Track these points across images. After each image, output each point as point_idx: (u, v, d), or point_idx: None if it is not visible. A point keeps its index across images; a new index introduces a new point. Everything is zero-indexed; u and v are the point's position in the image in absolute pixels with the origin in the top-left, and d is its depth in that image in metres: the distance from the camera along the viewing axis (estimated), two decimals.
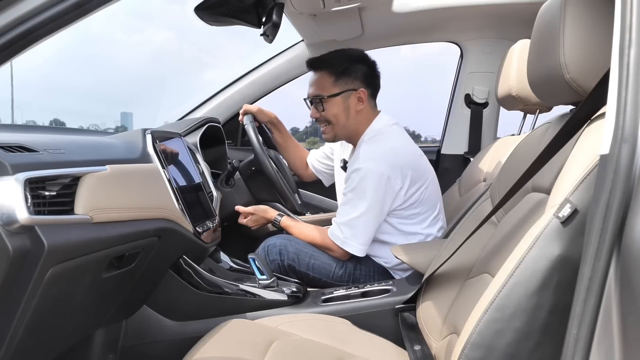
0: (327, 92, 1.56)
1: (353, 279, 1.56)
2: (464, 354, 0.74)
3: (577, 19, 0.79)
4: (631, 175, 0.54)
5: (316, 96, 1.58)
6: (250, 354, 1.01)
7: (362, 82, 1.57)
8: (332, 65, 1.56)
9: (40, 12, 0.71)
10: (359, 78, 1.57)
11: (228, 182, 1.83)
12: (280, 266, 1.57)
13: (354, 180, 1.48)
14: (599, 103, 0.74)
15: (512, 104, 1.72)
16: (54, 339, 1.00)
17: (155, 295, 1.30)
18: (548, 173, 0.83)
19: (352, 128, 1.60)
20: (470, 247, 1.06)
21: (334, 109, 1.57)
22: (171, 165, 1.33)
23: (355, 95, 1.56)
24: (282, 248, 1.58)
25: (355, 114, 1.58)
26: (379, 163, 1.46)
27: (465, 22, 2.18)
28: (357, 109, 1.57)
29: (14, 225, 0.76)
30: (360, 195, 1.47)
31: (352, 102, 1.56)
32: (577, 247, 0.66)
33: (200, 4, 1.29)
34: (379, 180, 1.45)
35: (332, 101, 1.56)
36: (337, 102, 1.56)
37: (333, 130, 1.61)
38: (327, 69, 1.57)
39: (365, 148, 1.53)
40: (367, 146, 1.53)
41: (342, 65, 1.56)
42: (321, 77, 1.58)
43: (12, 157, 0.82)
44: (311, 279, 1.56)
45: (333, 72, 1.56)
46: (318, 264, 1.57)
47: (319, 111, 1.59)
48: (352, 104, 1.57)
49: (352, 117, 1.58)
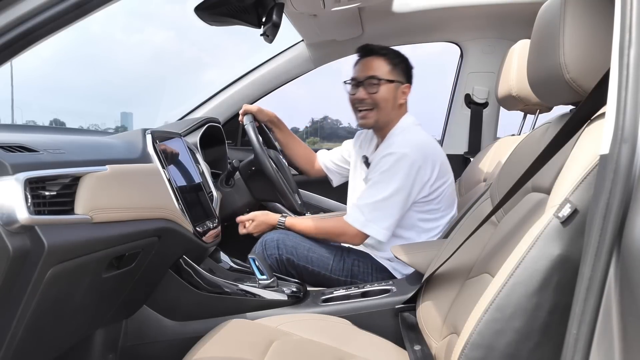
0: (385, 76, 1.61)
1: (351, 274, 1.56)
2: (464, 354, 0.74)
3: (577, 19, 0.79)
4: (631, 175, 0.54)
5: (373, 77, 1.60)
6: (250, 354, 1.01)
7: (407, 80, 1.66)
8: (389, 55, 1.63)
9: (40, 12, 0.71)
10: (406, 75, 1.65)
11: (228, 182, 1.83)
12: (278, 260, 1.57)
13: (386, 163, 1.50)
14: (599, 103, 0.74)
15: (513, 104, 1.72)
16: (54, 339, 1.00)
17: (155, 295, 1.30)
18: (548, 173, 0.83)
19: (390, 118, 1.64)
20: (470, 247, 1.06)
21: (385, 93, 1.61)
22: (171, 165, 1.33)
23: (402, 89, 1.63)
24: (280, 242, 1.59)
25: (397, 106, 1.63)
26: (413, 151, 1.50)
27: (465, 22, 2.18)
28: (399, 102, 1.63)
29: (14, 225, 0.76)
30: (391, 177, 1.49)
31: (399, 94, 1.63)
32: (577, 247, 0.66)
33: (200, 4, 1.29)
34: (411, 166, 1.49)
35: (387, 86, 1.61)
36: (390, 88, 1.61)
37: (376, 115, 1.63)
38: (384, 57, 1.63)
39: (399, 138, 1.58)
40: (400, 136, 1.58)
41: (396, 58, 1.63)
42: (378, 62, 1.62)
43: (12, 157, 0.82)
44: (310, 272, 1.56)
45: (390, 61, 1.62)
46: (316, 256, 1.57)
47: (371, 92, 1.61)
48: (398, 96, 1.63)
49: (395, 109, 1.63)
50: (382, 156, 1.53)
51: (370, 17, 1.97)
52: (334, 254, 1.58)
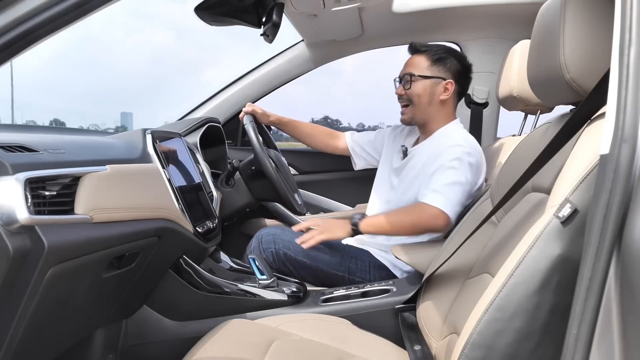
0: (419, 72, 1.61)
1: (349, 271, 1.56)
2: (464, 354, 0.74)
3: (577, 19, 0.79)
4: (631, 175, 0.54)
5: (407, 74, 1.62)
6: (250, 354, 1.01)
7: (453, 76, 1.62)
8: (431, 51, 1.63)
9: (40, 12, 0.71)
10: (451, 71, 1.62)
11: (228, 182, 1.83)
12: (274, 254, 1.57)
13: (458, 153, 1.49)
14: (599, 103, 0.74)
15: (513, 104, 1.72)
16: (54, 339, 1.00)
17: (155, 295, 1.30)
18: (548, 173, 0.83)
19: (431, 115, 1.63)
20: (470, 247, 1.06)
21: (419, 89, 1.61)
22: (171, 165, 1.33)
23: (443, 85, 1.61)
24: (277, 236, 1.59)
25: (439, 103, 1.62)
26: (475, 152, 1.52)
27: (465, 22, 2.18)
28: (441, 98, 1.61)
29: (14, 225, 0.76)
30: (465, 167, 1.48)
31: (439, 90, 1.61)
32: (577, 247, 0.66)
33: (200, 4, 1.29)
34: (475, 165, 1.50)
35: (420, 82, 1.61)
36: (425, 84, 1.60)
37: (412, 111, 1.63)
38: (425, 53, 1.63)
39: (457, 135, 1.56)
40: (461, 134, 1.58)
41: (439, 54, 1.62)
42: (417, 59, 1.63)
43: (12, 157, 0.82)
44: (307, 266, 1.56)
45: (429, 57, 1.62)
46: (312, 251, 1.56)
47: (405, 89, 1.62)
48: (437, 92, 1.61)
49: (435, 105, 1.62)
50: (449, 145, 1.51)
51: (370, 17, 1.97)
52: (332, 248, 1.58)
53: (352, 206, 2.33)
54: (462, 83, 1.66)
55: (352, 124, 2.39)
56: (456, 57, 1.64)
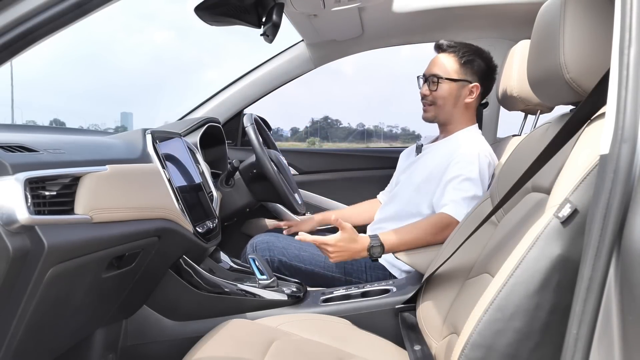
0: (446, 74, 1.57)
1: (345, 272, 1.56)
2: (464, 354, 0.74)
3: (577, 19, 0.79)
4: (631, 175, 0.54)
5: (434, 75, 1.59)
6: (250, 354, 1.01)
7: (479, 79, 1.60)
8: (459, 51, 1.58)
9: (40, 12, 0.71)
10: (478, 73, 1.59)
11: (228, 182, 1.83)
12: (269, 261, 1.56)
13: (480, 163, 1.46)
14: (599, 103, 0.74)
15: (513, 104, 1.72)
16: (54, 339, 1.00)
17: (155, 295, 1.30)
18: (548, 173, 0.83)
19: (455, 117, 1.61)
20: (470, 247, 1.06)
21: (445, 92, 1.58)
22: (171, 165, 1.33)
23: (469, 88, 1.58)
24: (271, 244, 1.59)
25: (463, 106, 1.60)
26: (493, 163, 1.50)
27: (465, 22, 2.18)
28: (466, 101, 1.59)
29: (14, 225, 0.76)
30: (484, 182, 1.45)
31: (465, 92, 1.59)
32: (577, 247, 0.66)
33: (200, 4, 1.29)
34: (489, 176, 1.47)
35: (447, 85, 1.58)
36: (452, 87, 1.58)
37: (435, 111, 1.61)
38: (454, 54, 1.58)
39: (479, 143, 1.53)
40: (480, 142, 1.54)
41: (468, 56, 1.58)
42: (445, 60, 1.59)
43: (12, 157, 0.82)
44: (303, 271, 1.56)
45: (457, 59, 1.58)
46: (307, 255, 1.57)
47: (431, 90, 1.59)
48: (463, 94, 1.59)
49: (459, 107, 1.60)
50: (471, 154, 1.47)
51: (370, 17, 1.97)
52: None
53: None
54: (486, 85, 1.63)
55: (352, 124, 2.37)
56: (483, 59, 1.61)
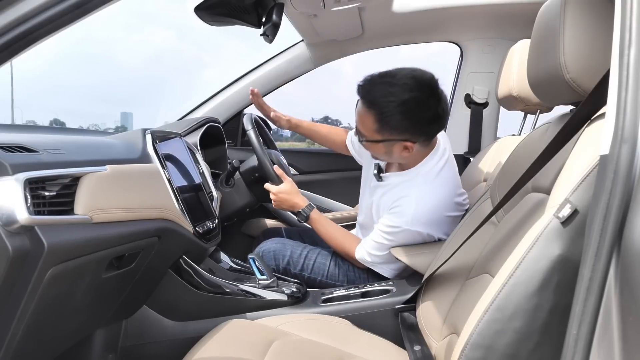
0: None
1: (347, 279, 1.57)
2: (464, 354, 0.74)
3: (577, 19, 0.79)
4: (631, 176, 0.54)
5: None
6: (250, 354, 1.01)
7: (410, 134, 1.33)
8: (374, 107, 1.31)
9: (40, 12, 0.71)
10: (401, 129, 1.32)
11: (228, 182, 1.83)
12: (276, 271, 1.58)
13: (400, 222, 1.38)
14: (599, 103, 0.74)
15: (513, 104, 1.72)
16: (54, 339, 1.00)
17: (155, 295, 1.30)
18: (548, 173, 0.83)
19: (401, 162, 1.47)
20: (470, 248, 1.06)
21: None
22: (171, 165, 1.33)
23: (401, 145, 1.35)
24: (277, 252, 1.60)
25: (403, 157, 1.41)
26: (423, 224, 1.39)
27: (465, 22, 2.18)
28: (403, 155, 1.38)
29: (14, 226, 0.76)
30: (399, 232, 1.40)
31: (397, 149, 1.36)
32: (577, 247, 0.66)
33: (200, 4, 1.29)
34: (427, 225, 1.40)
35: (374, 144, 1.38)
36: (379, 146, 1.38)
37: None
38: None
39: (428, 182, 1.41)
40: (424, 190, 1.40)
41: (387, 114, 1.30)
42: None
43: (12, 157, 0.82)
44: (306, 279, 1.57)
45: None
46: (311, 263, 1.58)
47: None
48: (396, 151, 1.37)
49: (399, 159, 1.43)
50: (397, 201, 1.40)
51: (370, 17, 1.97)
52: (330, 260, 1.59)
53: (352, 206, 2.33)
54: (428, 130, 1.35)
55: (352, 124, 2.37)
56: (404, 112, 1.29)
